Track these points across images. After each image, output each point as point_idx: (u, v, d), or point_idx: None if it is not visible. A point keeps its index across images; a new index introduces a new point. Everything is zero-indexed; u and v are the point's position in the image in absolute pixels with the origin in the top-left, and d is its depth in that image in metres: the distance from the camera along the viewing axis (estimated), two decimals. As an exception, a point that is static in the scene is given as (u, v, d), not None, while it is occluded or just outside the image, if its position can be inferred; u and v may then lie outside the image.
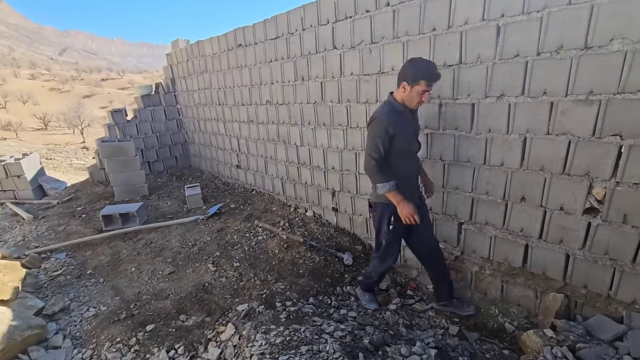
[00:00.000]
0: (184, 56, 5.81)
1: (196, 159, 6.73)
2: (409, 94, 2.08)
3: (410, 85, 2.05)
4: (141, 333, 2.41)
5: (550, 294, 2.27)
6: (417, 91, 2.05)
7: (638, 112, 1.72)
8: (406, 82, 2.06)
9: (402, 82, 2.09)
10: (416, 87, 2.04)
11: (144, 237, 3.88)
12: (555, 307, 2.20)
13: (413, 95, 2.08)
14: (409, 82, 2.05)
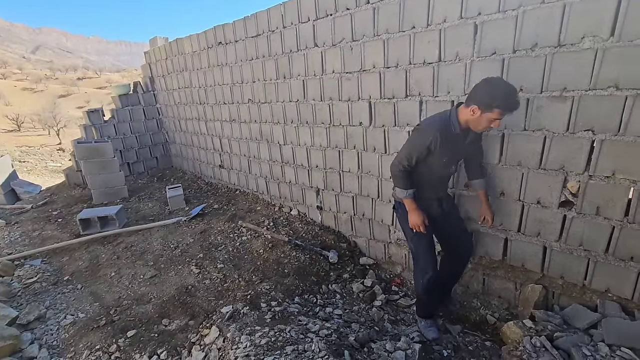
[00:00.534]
0: (162, 54, 5.67)
1: (178, 159, 6.59)
2: (478, 118, 1.84)
3: (482, 111, 1.80)
4: (122, 339, 2.34)
5: (529, 286, 2.34)
6: (487, 118, 1.81)
7: (608, 108, 1.78)
8: (478, 106, 1.80)
9: (472, 104, 1.82)
10: (488, 114, 1.79)
11: (124, 241, 3.78)
12: (534, 298, 2.27)
13: (482, 121, 1.84)
14: (481, 107, 1.79)
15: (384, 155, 2.92)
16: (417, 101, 2.55)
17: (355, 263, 3.35)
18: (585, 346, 1.79)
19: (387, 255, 3.25)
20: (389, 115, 2.76)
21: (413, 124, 2.63)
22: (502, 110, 1.77)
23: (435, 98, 2.44)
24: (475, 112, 1.82)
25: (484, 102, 1.78)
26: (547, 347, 1.86)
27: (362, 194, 3.25)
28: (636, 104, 1.69)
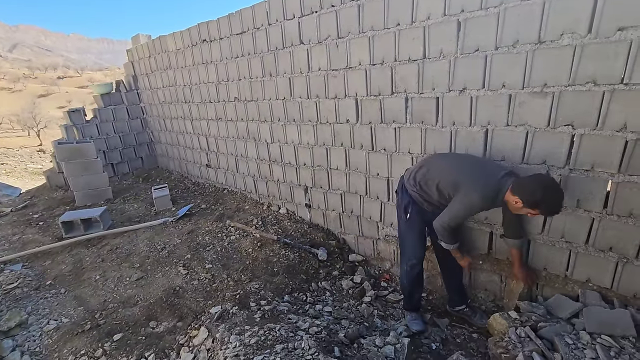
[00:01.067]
0: (145, 52, 5.55)
1: (163, 159, 6.48)
2: (518, 208, 1.87)
3: (524, 206, 1.82)
4: (108, 343, 2.30)
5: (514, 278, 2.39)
6: (527, 211, 1.85)
7: (587, 103, 1.82)
8: (522, 200, 1.81)
9: (517, 196, 1.83)
10: (528, 210, 1.83)
11: (109, 243, 3.70)
12: (519, 290, 2.32)
13: (522, 210, 1.88)
14: (525, 204, 1.80)
15: (371, 152, 2.93)
16: (402, 98, 2.57)
17: (344, 260, 3.36)
18: (567, 335, 1.84)
19: (375, 251, 3.27)
20: (376, 112, 2.77)
21: (399, 120, 2.65)
22: (543, 213, 1.85)
23: (421, 95, 2.47)
24: (518, 203, 1.84)
25: (529, 201, 1.79)
26: (531, 337, 1.90)
27: (350, 191, 3.26)
28: (613, 99, 1.74)
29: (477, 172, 2.03)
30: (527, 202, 1.79)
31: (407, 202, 2.31)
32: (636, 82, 1.66)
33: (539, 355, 1.79)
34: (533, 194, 1.76)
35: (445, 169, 2.14)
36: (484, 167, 2.08)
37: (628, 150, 1.76)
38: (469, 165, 2.10)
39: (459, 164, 2.13)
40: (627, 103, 1.71)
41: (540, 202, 1.76)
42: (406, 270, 2.43)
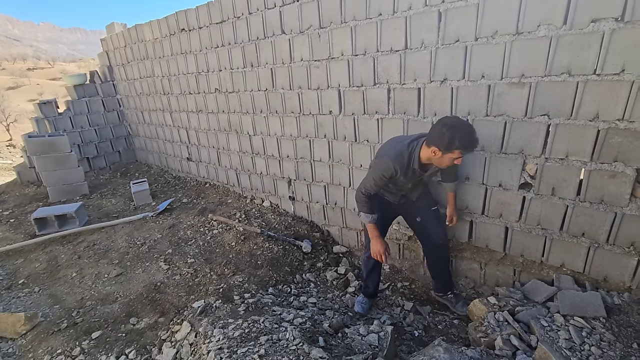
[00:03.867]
0: (121, 42, 5.34)
1: (142, 153, 6.30)
2: (440, 158, 1.90)
3: (443, 152, 1.86)
4: (86, 341, 2.23)
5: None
6: (449, 157, 1.88)
7: (562, 93, 1.87)
8: (438, 148, 1.85)
9: (432, 146, 1.87)
10: (449, 155, 1.86)
11: (85, 240, 3.58)
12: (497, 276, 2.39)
13: (444, 160, 1.91)
14: (441, 149, 1.84)
15: (355, 144, 2.93)
16: (385, 89, 2.57)
17: (328, 252, 3.37)
18: (543, 318, 1.91)
19: (359, 242, 3.30)
20: (358, 104, 2.77)
21: (382, 111, 2.65)
22: (462, 151, 1.84)
23: (403, 85, 2.47)
24: (437, 153, 1.88)
25: (443, 145, 1.82)
26: (509, 321, 1.96)
27: (333, 182, 3.26)
28: (586, 89, 1.79)
29: (394, 141, 2.16)
30: (443, 147, 1.83)
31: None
32: (607, 72, 1.72)
33: (516, 338, 1.85)
34: (442, 136, 1.80)
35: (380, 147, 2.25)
36: (403, 137, 2.18)
37: (600, 139, 1.83)
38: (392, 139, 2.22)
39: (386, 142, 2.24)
40: (598, 93, 1.77)
41: (453, 139, 1.79)
42: (364, 260, 2.54)
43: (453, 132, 1.79)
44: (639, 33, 1.60)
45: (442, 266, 2.56)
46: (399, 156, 2.01)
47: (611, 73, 1.71)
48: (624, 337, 1.69)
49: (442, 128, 1.81)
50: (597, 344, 1.68)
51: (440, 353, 1.72)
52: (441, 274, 2.57)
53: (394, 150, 2.05)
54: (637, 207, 1.83)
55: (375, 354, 1.88)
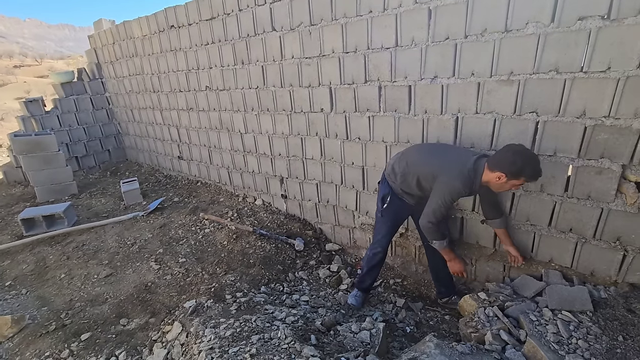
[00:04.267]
0: (109, 38, 5.25)
1: (132, 152, 6.22)
2: (502, 184, 1.88)
3: (508, 179, 1.84)
4: (75, 343, 2.20)
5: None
6: (512, 184, 1.87)
7: (550, 91, 1.89)
8: (505, 174, 1.83)
9: (498, 171, 1.85)
10: (513, 181, 1.85)
11: (74, 240, 3.52)
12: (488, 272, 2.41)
13: (506, 186, 1.89)
14: (508, 175, 1.82)
15: (346, 142, 2.93)
16: (376, 86, 2.57)
17: (321, 249, 3.37)
18: (532, 312, 1.94)
19: (352, 240, 3.30)
20: (350, 101, 2.76)
21: (373, 109, 2.65)
22: (527, 179, 1.84)
23: (394, 83, 2.48)
24: (501, 178, 1.85)
25: (512, 172, 1.81)
26: (499, 316, 1.99)
27: (325, 180, 3.25)
28: (573, 86, 1.81)
29: (451, 160, 2.05)
30: (510, 174, 1.81)
31: (386, 193, 2.34)
32: (594, 70, 1.74)
33: (506, 332, 1.87)
34: (514, 163, 1.79)
35: (422, 162, 2.16)
36: (457, 154, 2.10)
37: (587, 136, 1.85)
38: (442, 155, 2.13)
39: (433, 155, 2.16)
40: (585, 90, 1.79)
41: (523, 168, 1.79)
42: (369, 256, 2.53)
43: (525, 161, 1.79)
44: (624, 31, 1.62)
45: (445, 268, 2.51)
46: (466, 180, 1.95)
47: (597, 70, 1.73)
48: (610, 330, 1.72)
49: (514, 156, 1.81)
50: (584, 337, 1.71)
51: (431, 349, 1.73)
52: (443, 276, 2.56)
53: (462, 173, 1.95)
54: (622, 203, 1.86)
55: (367, 350, 1.88)
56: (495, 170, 1.86)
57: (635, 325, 1.71)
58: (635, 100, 1.68)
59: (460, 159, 2.01)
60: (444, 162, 2.05)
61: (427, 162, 2.13)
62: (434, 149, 2.26)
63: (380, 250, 2.47)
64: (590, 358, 1.60)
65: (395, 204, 2.33)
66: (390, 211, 2.37)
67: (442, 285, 2.59)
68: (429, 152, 2.22)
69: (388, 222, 2.42)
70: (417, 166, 2.17)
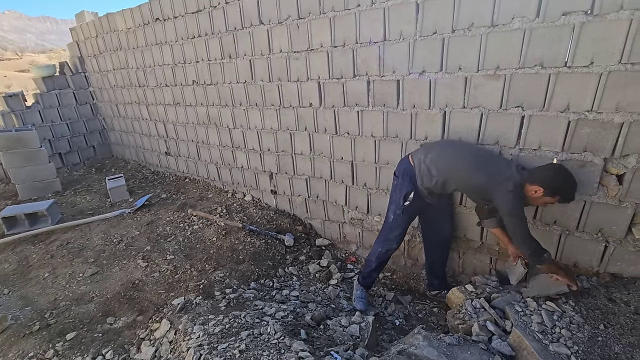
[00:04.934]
0: (92, 31, 5.11)
1: (118, 148, 6.09)
2: (537, 198, 1.87)
3: (545, 194, 1.83)
4: (60, 343, 2.16)
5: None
6: (545, 201, 1.87)
7: (535, 85, 1.91)
8: (543, 189, 1.82)
9: (537, 185, 1.84)
10: (547, 198, 1.85)
11: (58, 238, 3.44)
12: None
13: (539, 201, 1.89)
14: (546, 191, 1.82)
15: (335, 136, 2.92)
16: (364, 81, 2.56)
17: (311, 245, 3.37)
18: (517, 303, 1.98)
19: (342, 235, 3.31)
20: (338, 96, 2.75)
21: (361, 103, 2.65)
22: (561, 200, 1.84)
23: (382, 78, 2.47)
24: (538, 192, 1.85)
25: (551, 189, 1.81)
26: (485, 307, 2.02)
27: (315, 175, 3.25)
28: (557, 81, 1.84)
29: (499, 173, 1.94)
30: (548, 190, 1.82)
31: (409, 191, 2.24)
32: (577, 65, 1.76)
33: (492, 323, 1.91)
34: (554, 180, 1.81)
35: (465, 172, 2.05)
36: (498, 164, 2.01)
37: (570, 130, 1.88)
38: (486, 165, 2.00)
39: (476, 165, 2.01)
40: (569, 85, 1.82)
41: (561, 188, 1.81)
42: (381, 252, 2.45)
43: (566, 182, 1.81)
44: (606, 26, 1.65)
45: (442, 262, 2.58)
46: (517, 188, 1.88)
47: (581, 65, 1.76)
48: (592, 319, 1.77)
49: (556, 175, 1.83)
50: (567, 326, 1.75)
51: (419, 341, 1.76)
52: (438, 270, 2.59)
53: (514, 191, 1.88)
54: (604, 195, 1.91)
55: (356, 344, 1.90)
56: (535, 184, 1.85)
57: (616, 313, 1.76)
58: (617, 94, 1.71)
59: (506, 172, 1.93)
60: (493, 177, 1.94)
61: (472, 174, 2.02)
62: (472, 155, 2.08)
63: (396, 246, 2.42)
64: (572, 346, 1.64)
65: (417, 202, 2.26)
66: (410, 209, 2.30)
67: (436, 278, 2.62)
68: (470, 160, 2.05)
69: (407, 219, 2.36)
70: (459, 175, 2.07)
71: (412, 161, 2.24)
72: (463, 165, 2.06)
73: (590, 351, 1.61)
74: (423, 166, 2.16)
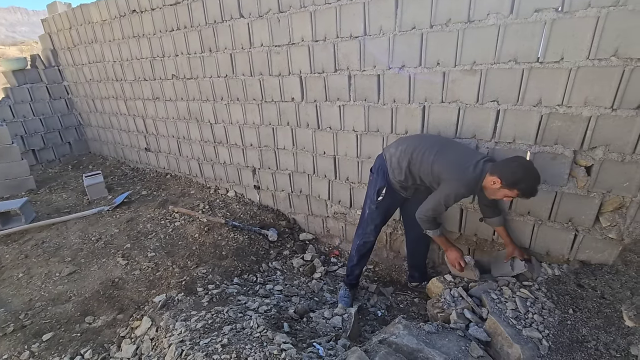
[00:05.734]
0: (65, 23, 4.92)
1: (96, 144, 5.91)
2: (495, 190, 1.86)
3: (502, 187, 1.82)
4: (36, 344, 2.10)
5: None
6: (504, 193, 1.84)
7: (510, 80, 1.97)
8: (501, 180, 1.81)
9: (496, 176, 1.83)
10: (506, 191, 1.82)
11: (33, 237, 3.33)
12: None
13: (498, 193, 1.87)
14: (504, 183, 1.80)
15: (317, 131, 2.93)
16: (346, 75, 2.57)
17: (295, 239, 3.38)
18: (493, 291, 2.05)
19: (325, 229, 3.33)
20: (320, 90, 2.76)
21: (343, 98, 2.66)
22: (520, 194, 1.82)
23: (363, 72, 2.49)
24: (496, 183, 1.83)
25: (509, 181, 1.79)
26: (463, 296, 2.09)
27: (298, 170, 3.25)
28: (530, 76, 1.90)
29: (457, 161, 2.00)
30: (506, 182, 1.79)
31: (382, 185, 2.28)
32: (549, 60, 1.83)
33: (469, 311, 1.98)
34: (514, 173, 1.78)
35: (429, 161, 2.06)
36: (463, 154, 2.04)
37: (542, 124, 1.95)
38: (449, 154, 2.04)
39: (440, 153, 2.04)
40: (541, 80, 1.88)
41: (520, 181, 1.77)
42: (359, 244, 2.49)
43: (525, 175, 1.78)
44: (575, 23, 1.71)
45: (423, 255, 2.63)
46: (470, 183, 1.93)
47: (552, 61, 1.82)
48: (562, 304, 1.86)
49: (517, 168, 1.80)
50: (539, 312, 1.83)
51: (399, 330, 1.80)
52: (420, 263, 2.64)
53: (467, 176, 1.93)
54: (574, 186, 1.99)
55: (338, 335, 1.93)
56: (494, 175, 1.84)
57: (584, 298, 1.85)
58: (585, 89, 1.78)
59: (467, 161, 1.96)
60: (451, 163, 2.00)
61: (434, 161, 2.03)
62: (440, 145, 2.09)
63: (373, 239, 2.47)
64: (544, 330, 1.72)
65: (390, 196, 2.30)
66: (384, 204, 2.33)
67: (417, 271, 2.67)
68: (436, 150, 2.06)
69: (382, 214, 2.39)
70: (423, 164, 2.07)
71: (384, 155, 2.27)
72: (428, 157, 2.06)
73: (560, 334, 1.69)
74: (394, 159, 2.19)
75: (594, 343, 1.62)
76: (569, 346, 1.63)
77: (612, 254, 1.98)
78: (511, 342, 1.67)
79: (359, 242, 2.48)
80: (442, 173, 2.01)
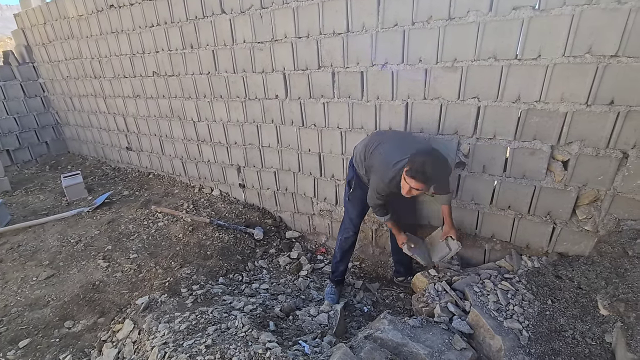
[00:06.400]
0: (39, 18, 4.73)
1: (75, 144, 5.74)
2: (404, 182, 1.89)
3: (406, 174, 1.83)
4: (12, 351, 2.03)
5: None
6: (409, 184, 1.85)
7: (489, 77, 2.00)
8: (407, 168, 1.83)
9: (408, 165, 1.85)
10: (409, 179, 1.82)
11: (8, 241, 3.21)
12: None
13: (405, 184, 1.88)
14: (407, 171, 1.83)
15: (302, 128, 2.91)
16: (329, 72, 2.57)
17: (281, 237, 3.37)
18: (475, 285, 2.09)
19: (311, 226, 3.33)
20: (304, 87, 2.74)
21: (327, 95, 2.65)
22: (415, 182, 1.80)
23: (347, 69, 2.49)
24: (404, 175, 1.87)
25: (408, 168, 1.82)
26: (446, 290, 2.12)
27: (283, 168, 3.23)
28: (509, 73, 1.93)
29: (387, 156, 2.03)
30: (410, 169, 1.80)
31: (351, 177, 2.38)
32: (527, 57, 1.86)
33: (453, 304, 2.01)
34: (414, 162, 1.80)
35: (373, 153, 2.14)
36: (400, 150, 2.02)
37: (521, 120, 1.99)
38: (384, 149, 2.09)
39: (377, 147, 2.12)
40: (520, 77, 1.92)
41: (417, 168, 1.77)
42: (341, 241, 2.54)
43: (421, 163, 1.77)
44: (551, 21, 1.75)
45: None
46: (390, 178, 1.97)
47: (530, 58, 1.86)
48: (541, 296, 1.91)
49: (421, 157, 1.80)
50: (519, 303, 1.88)
51: (385, 325, 1.82)
52: (405, 258, 2.65)
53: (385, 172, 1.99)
54: (552, 180, 2.04)
55: (324, 332, 1.93)
56: (407, 164, 1.85)
57: (562, 289, 1.90)
58: (562, 85, 1.83)
59: (395, 156, 1.99)
60: (378, 159, 2.08)
61: (371, 156, 2.14)
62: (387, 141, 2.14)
63: (352, 234, 2.50)
64: (524, 321, 1.76)
65: (360, 188, 2.35)
66: (356, 195, 2.38)
67: (402, 265, 2.71)
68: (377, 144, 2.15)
69: (356, 206, 2.43)
70: (368, 159, 2.19)
71: (354, 150, 2.39)
72: (373, 151, 2.15)
73: (539, 324, 1.73)
74: (359, 154, 2.28)
75: (571, 332, 1.67)
76: (547, 336, 1.68)
77: (588, 246, 2.05)
78: (493, 334, 1.71)
79: (340, 238, 2.54)
80: (372, 167, 2.15)
